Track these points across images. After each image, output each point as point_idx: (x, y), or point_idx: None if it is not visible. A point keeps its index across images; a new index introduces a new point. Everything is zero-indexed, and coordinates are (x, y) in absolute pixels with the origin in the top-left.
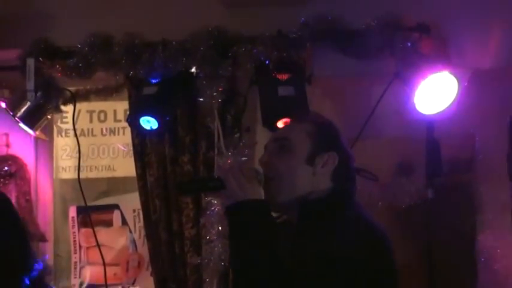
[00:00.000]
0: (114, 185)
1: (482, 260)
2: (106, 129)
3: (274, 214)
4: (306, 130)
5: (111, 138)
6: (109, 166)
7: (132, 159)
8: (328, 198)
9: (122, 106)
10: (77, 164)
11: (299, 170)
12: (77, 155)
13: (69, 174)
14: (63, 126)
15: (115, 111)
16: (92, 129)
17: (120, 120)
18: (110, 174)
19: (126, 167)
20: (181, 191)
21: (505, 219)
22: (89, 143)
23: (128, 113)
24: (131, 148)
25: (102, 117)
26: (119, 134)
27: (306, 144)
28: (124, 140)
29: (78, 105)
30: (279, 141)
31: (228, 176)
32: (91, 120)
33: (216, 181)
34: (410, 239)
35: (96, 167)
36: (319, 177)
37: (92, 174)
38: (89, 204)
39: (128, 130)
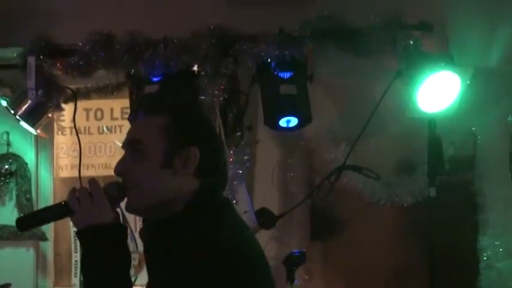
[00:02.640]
0: None
1: (485, 258)
2: (103, 127)
3: None
4: (161, 126)
5: (108, 136)
6: (106, 164)
7: None
8: (185, 211)
9: (118, 104)
10: (73, 162)
11: (156, 177)
12: (74, 153)
13: (66, 173)
14: (61, 124)
15: (112, 109)
16: (89, 127)
17: (117, 118)
18: (107, 173)
19: None
20: (20, 228)
21: (507, 218)
22: (85, 141)
23: (124, 110)
24: None
25: (99, 115)
26: (115, 132)
27: (161, 145)
28: (121, 138)
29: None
30: (132, 144)
31: (74, 199)
32: (88, 118)
33: (61, 207)
34: (412, 237)
35: (93, 165)
36: (182, 178)
37: (89, 173)
38: None
39: (125, 128)
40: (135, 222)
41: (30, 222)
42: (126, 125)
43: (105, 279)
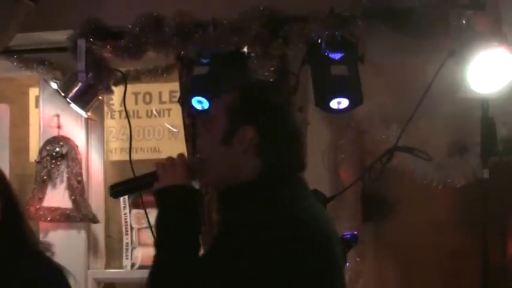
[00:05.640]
0: None
1: None
2: (151, 111)
3: None
4: (227, 102)
5: (156, 120)
6: (154, 148)
7: (177, 140)
8: (248, 184)
9: (167, 88)
10: (123, 145)
11: (216, 152)
12: (123, 137)
13: (116, 156)
14: (110, 107)
15: (160, 93)
16: (138, 111)
17: (165, 102)
18: (155, 156)
19: (172, 149)
20: (112, 194)
21: None
22: (134, 125)
23: (173, 94)
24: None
25: (147, 99)
26: (164, 116)
27: (224, 122)
28: (170, 122)
29: (122, 87)
30: (203, 118)
31: (160, 166)
32: (136, 102)
33: (150, 174)
34: (465, 219)
35: (142, 149)
36: (240, 156)
37: (138, 156)
38: None
39: (173, 112)
40: None
41: (123, 189)
42: (175, 109)
43: (174, 237)
